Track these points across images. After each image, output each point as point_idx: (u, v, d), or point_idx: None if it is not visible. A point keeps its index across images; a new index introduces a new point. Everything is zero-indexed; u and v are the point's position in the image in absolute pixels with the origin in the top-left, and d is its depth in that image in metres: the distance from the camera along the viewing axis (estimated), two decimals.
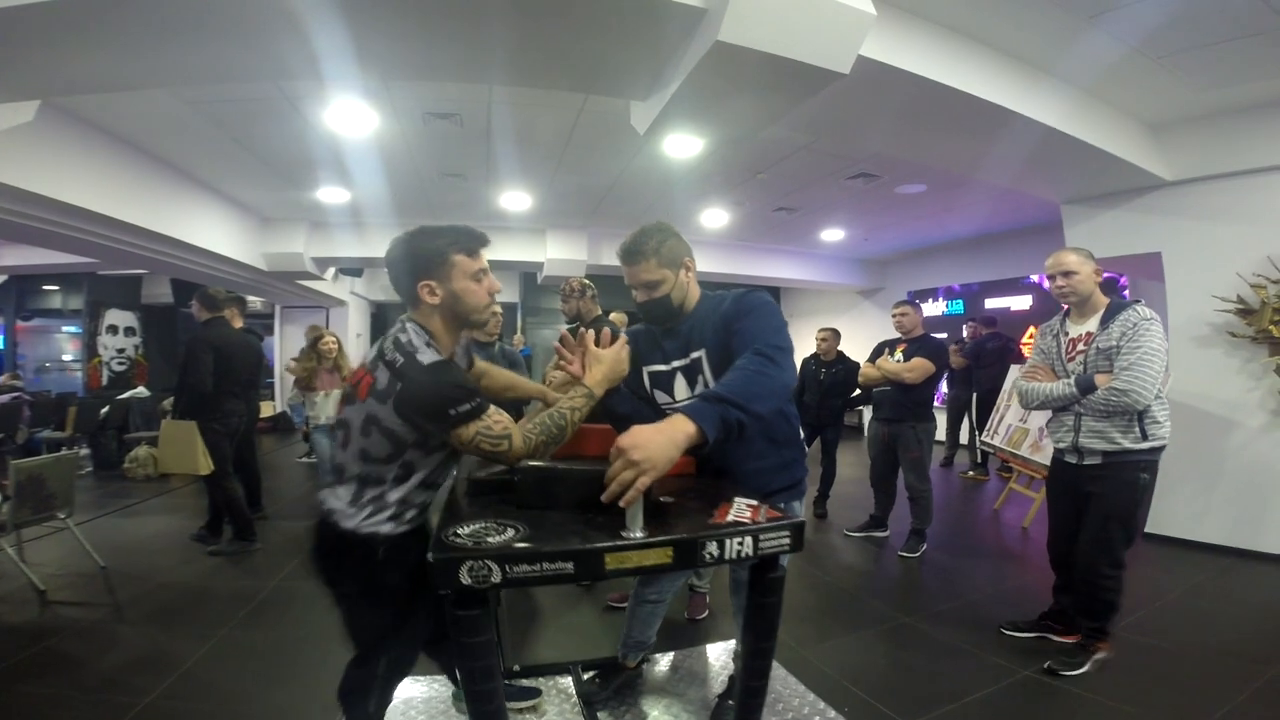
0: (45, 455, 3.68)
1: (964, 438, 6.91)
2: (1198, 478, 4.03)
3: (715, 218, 6.69)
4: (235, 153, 4.53)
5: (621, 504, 1.13)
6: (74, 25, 2.31)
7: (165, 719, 2.12)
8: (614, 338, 1.64)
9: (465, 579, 1.03)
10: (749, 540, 1.18)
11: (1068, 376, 2.42)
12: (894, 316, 4.02)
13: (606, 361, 1.54)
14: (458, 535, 1.12)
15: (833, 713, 2.12)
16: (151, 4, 2.19)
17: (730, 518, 1.24)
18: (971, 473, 6.33)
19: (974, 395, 6.44)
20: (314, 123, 3.96)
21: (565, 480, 1.32)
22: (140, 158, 4.46)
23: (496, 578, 1.04)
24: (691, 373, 1.71)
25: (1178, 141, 4.01)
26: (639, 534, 1.14)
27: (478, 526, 1.16)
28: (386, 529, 1.40)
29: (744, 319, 1.57)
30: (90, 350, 8.69)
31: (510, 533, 1.13)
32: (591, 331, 1.64)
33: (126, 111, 3.79)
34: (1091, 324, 2.39)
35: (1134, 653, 2.56)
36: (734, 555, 1.17)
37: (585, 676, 2.25)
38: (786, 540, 1.22)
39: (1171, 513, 4.10)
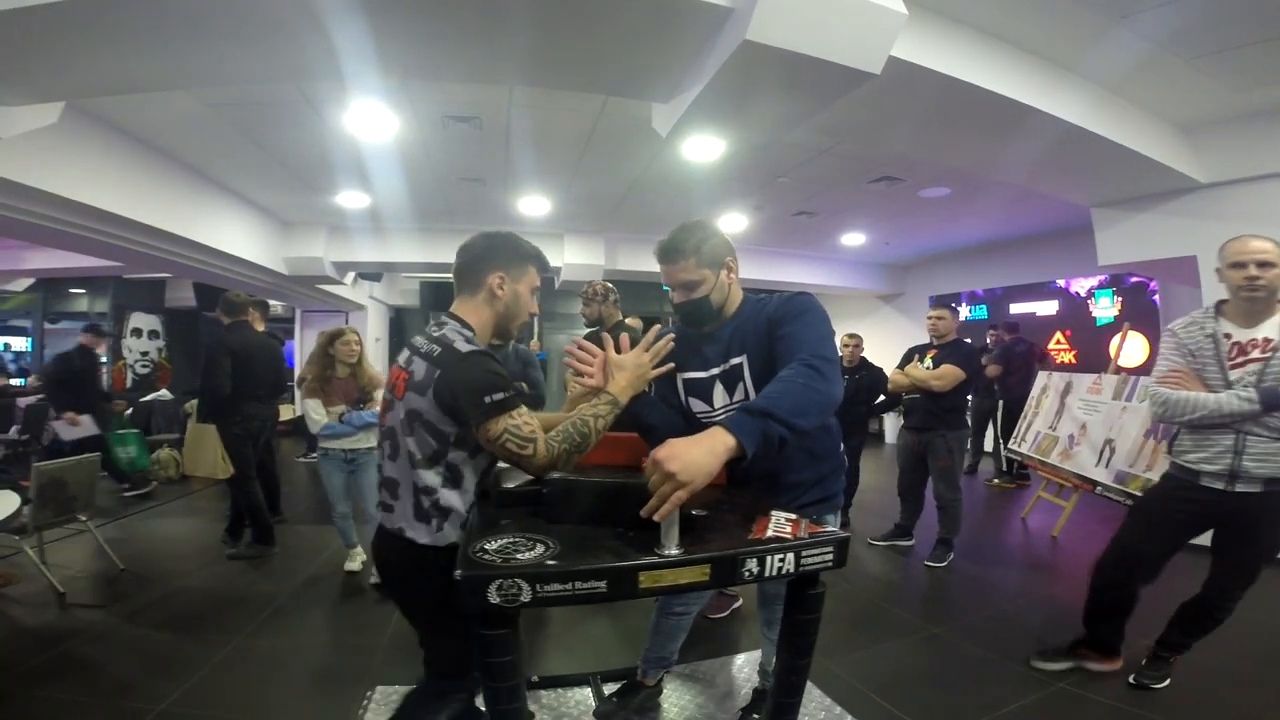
0: (67, 458, 3.69)
1: (988, 445, 6.79)
2: None
3: (734, 222, 6.63)
4: (256, 156, 4.55)
5: (656, 518, 1.08)
6: (95, 26, 2.31)
7: None
8: (633, 343, 1.57)
9: (494, 598, 0.98)
10: (790, 557, 1.12)
11: (1227, 386, 2.06)
12: (929, 320, 3.93)
13: (629, 367, 1.46)
14: (485, 552, 1.07)
15: None
16: (173, 3, 2.18)
17: (770, 533, 1.18)
18: (997, 480, 6.19)
19: (1000, 402, 6.30)
20: (334, 126, 3.96)
21: (596, 493, 1.27)
22: (162, 160, 4.49)
23: (526, 597, 0.99)
24: (731, 380, 1.62)
25: (1211, 143, 3.89)
26: (674, 551, 1.08)
27: (506, 542, 1.11)
28: (458, 538, 1.35)
29: (792, 323, 1.49)
30: (115, 353, 8.80)
31: (540, 549, 1.08)
32: (611, 336, 1.59)
33: (148, 114, 3.81)
34: (1270, 328, 2.05)
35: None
36: (774, 572, 1.11)
37: (606, 694, 2.18)
38: (830, 556, 1.16)
39: None
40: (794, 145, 4.32)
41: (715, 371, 1.64)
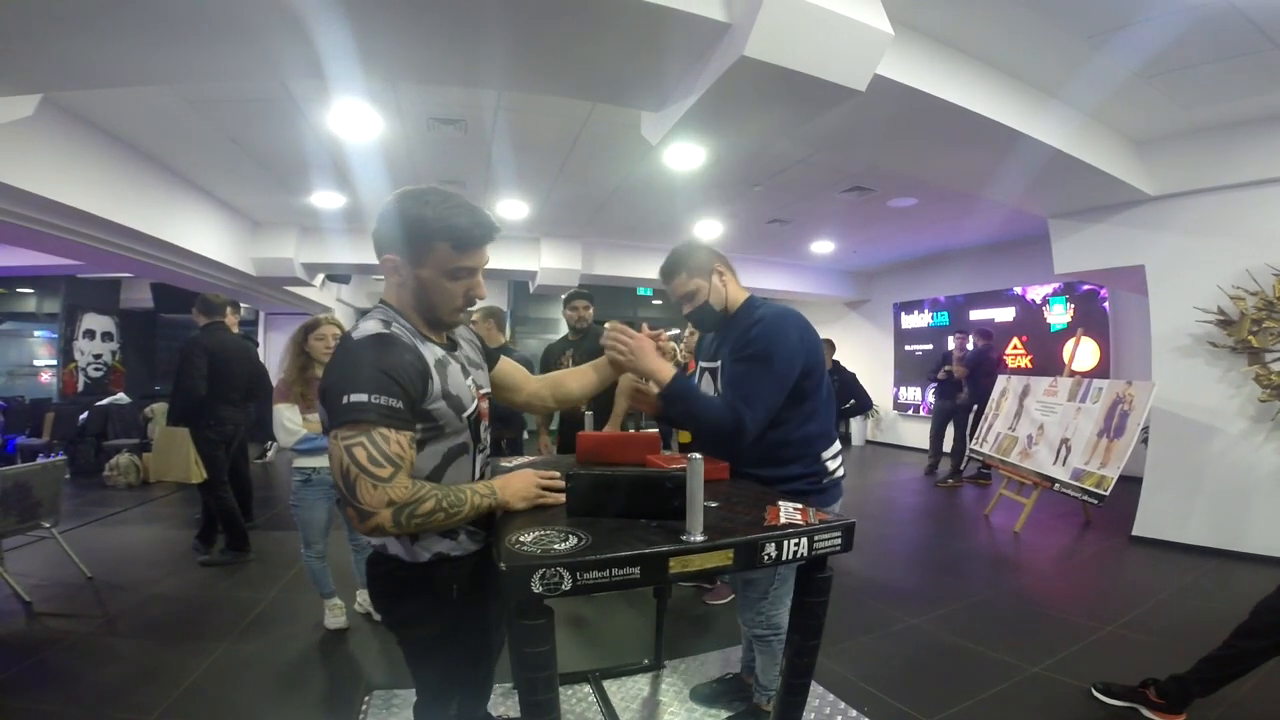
0: (30, 462, 3.55)
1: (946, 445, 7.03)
2: (1182, 482, 4.16)
3: (709, 229, 6.74)
4: (232, 154, 4.46)
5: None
6: (79, 17, 2.27)
7: None
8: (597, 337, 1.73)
9: (537, 587, 1.02)
10: (804, 541, 1.20)
11: None
12: None
13: (516, 483, 1.31)
14: (522, 543, 1.11)
15: (854, 712, 2.16)
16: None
17: (783, 519, 1.26)
18: (950, 480, 6.42)
19: (975, 406, 6.39)
20: (316, 125, 3.92)
21: (616, 487, 1.32)
22: (134, 157, 4.36)
23: (567, 585, 1.03)
24: (713, 376, 1.84)
25: (1161, 157, 4.15)
26: (700, 537, 1.15)
27: (539, 534, 1.16)
28: (444, 547, 1.25)
29: (747, 362, 1.67)
30: (66, 355, 8.43)
31: (574, 540, 1.13)
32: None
33: (124, 109, 3.71)
34: None
35: (1130, 649, 2.64)
36: (790, 556, 1.19)
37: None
38: (838, 541, 1.25)
39: (1158, 516, 4.23)
40: (774, 155, 4.44)
41: (705, 365, 1.90)
